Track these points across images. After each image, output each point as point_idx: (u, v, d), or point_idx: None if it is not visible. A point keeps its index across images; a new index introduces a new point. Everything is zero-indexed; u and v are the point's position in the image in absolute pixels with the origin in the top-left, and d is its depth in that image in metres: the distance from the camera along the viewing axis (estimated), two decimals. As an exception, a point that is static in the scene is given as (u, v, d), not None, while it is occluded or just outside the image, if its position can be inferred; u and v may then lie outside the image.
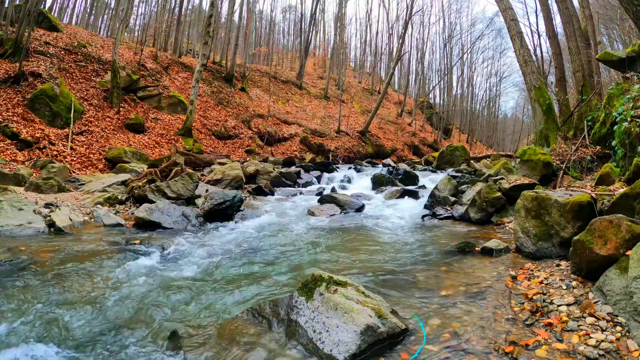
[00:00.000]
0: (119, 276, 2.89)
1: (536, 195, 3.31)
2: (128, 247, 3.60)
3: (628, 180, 4.04)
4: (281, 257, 3.56)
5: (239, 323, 2.14)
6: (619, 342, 1.80)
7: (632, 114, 4.55)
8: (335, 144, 19.43)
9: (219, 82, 19.36)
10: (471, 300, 2.40)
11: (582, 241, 2.42)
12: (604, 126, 6.02)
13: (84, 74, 12.85)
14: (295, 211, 5.97)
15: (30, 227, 4.08)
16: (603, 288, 2.16)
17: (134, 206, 5.60)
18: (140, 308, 2.38)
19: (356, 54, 44.48)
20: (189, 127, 12.98)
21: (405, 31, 23.11)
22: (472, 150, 28.09)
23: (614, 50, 7.39)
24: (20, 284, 2.62)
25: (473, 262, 3.21)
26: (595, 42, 9.61)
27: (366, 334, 1.83)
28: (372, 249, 3.81)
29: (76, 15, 27.04)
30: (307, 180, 9.45)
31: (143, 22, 25.78)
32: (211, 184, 7.21)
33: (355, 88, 31.73)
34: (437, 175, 10.39)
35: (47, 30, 14.38)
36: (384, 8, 36.19)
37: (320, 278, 2.20)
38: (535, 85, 8.98)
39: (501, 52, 44.64)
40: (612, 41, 21.00)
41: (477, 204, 5.00)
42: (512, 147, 36.10)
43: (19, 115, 9.20)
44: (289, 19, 45.21)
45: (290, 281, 2.87)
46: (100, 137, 10.37)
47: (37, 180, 6.12)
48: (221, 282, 2.87)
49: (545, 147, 7.74)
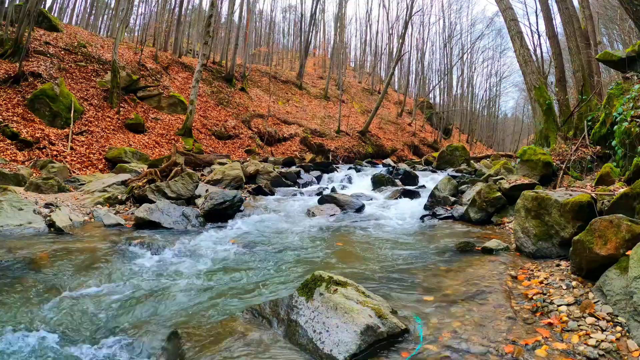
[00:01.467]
0: (118, 276, 2.89)
1: (536, 195, 3.31)
2: (128, 247, 3.60)
3: (628, 180, 4.04)
4: (281, 257, 3.56)
5: (239, 323, 2.14)
6: (619, 342, 1.80)
7: (632, 114, 4.55)
8: (335, 144, 19.42)
9: (219, 82, 19.35)
10: (471, 300, 2.40)
11: (582, 241, 2.42)
12: (604, 126, 6.02)
13: (84, 74, 12.85)
14: (295, 211, 5.97)
15: (30, 227, 4.08)
16: (603, 288, 2.16)
17: (134, 206, 5.59)
18: (139, 307, 2.38)
19: (356, 54, 44.54)
20: (189, 127, 12.98)
21: (405, 31, 23.08)
22: (472, 150, 28.10)
23: (614, 50, 7.39)
24: (19, 284, 2.62)
25: (473, 262, 3.21)
26: (595, 42, 9.60)
27: (366, 334, 1.83)
28: (372, 249, 3.81)
29: (76, 15, 27.08)
30: (307, 180, 9.44)
31: (143, 22, 25.81)
32: (211, 184, 7.21)
33: (355, 88, 31.71)
34: (437, 175, 10.39)
35: (47, 30, 14.38)
36: (384, 8, 36.15)
37: (320, 278, 2.20)
38: (535, 85, 8.98)
39: (501, 52, 44.66)
40: (612, 41, 21.01)
41: (477, 204, 5.00)
42: (512, 147, 36.15)
43: (19, 115, 9.20)
44: (289, 19, 45.23)
45: (290, 281, 2.87)
46: (100, 137, 10.37)
47: (37, 180, 6.12)
48: (221, 282, 2.87)
49: (545, 147, 7.73)
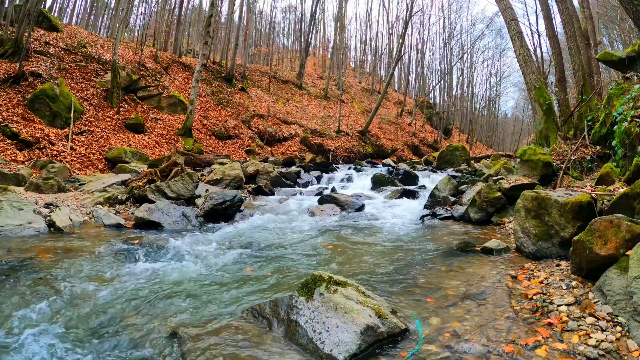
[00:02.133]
0: (118, 276, 2.89)
1: (536, 195, 3.31)
2: (128, 247, 3.60)
3: (628, 180, 4.04)
4: (281, 257, 3.56)
5: (239, 323, 2.14)
6: (619, 342, 1.80)
7: (632, 114, 4.54)
8: (335, 144, 19.41)
9: (219, 82, 19.35)
10: (471, 300, 2.40)
11: (582, 241, 2.42)
12: (604, 126, 6.02)
13: (84, 74, 12.85)
14: (295, 211, 5.97)
15: (30, 227, 4.08)
16: (603, 288, 2.16)
17: (134, 206, 5.59)
18: (139, 308, 2.38)
19: (356, 54, 44.50)
20: (189, 127, 12.98)
21: (405, 31, 23.08)
22: (472, 150, 28.10)
23: (614, 50, 7.38)
24: (19, 284, 2.62)
25: (473, 262, 3.21)
26: (595, 42, 9.60)
27: (366, 334, 1.83)
28: (372, 249, 3.81)
29: (76, 15, 27.06)
30: (307, 180, 9.44)
31: (143, 22, 25.79)
32: (211, 184, 7.21)
33: (355, 88, 31.71)
34: (437, 175, 10.38)
35: (47, 30, 14.37)
36: (384, 8, 36.13)
37: (320, 278, 2.20)
38: (535, 85, 8.98)
39: (501, 52, 44.61)
40: (612, 41, 21.00)
41: (477, 204, 5.00)
42: (512, 147, 36.14)
43: (19, 115, 9.20)
44: (289, 19, 45.19)
45: (290, 281, 2.87)
46: (100, 137, 10.37)
47: (37, 180, 6.12)
48: (221, 282, 2.87)
49: (545, 147, 7.73)
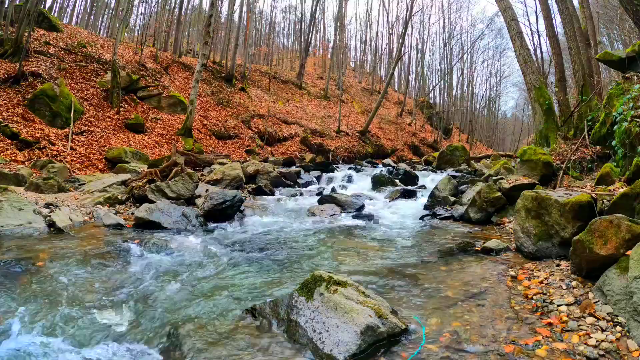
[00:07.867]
0: (118, 276, 2.89)
1: (536, 195, 3.31)
2: (128, 247, 3.60)
3: (628, 180, 4.04)
4: (281, 257, 3.56)
5: (239, 323, 2.14)
6: (619, 342, 1.80)
7: (632, 114, 4.54)
8: (335, 144, 19.41)
9: (219, 82, 19.34)
10: (471, 300, 2.40)
11: (582, 241, 2.42)
12: (604, 126, 6.02)
13: (84, 74, 12.84)
14: (295, 211, 5.97)
15: (30, 227, 4.08)
16: (603, 288, 2.16)
17: (134, 206, 5.59)
18: (139, 308, 2.38)
19: (356, 54, 44.48)
20: (189, 127, 12.98)
21: (405, 31, 23.08)
22: (472, 150, 28.07)
23: (614, 50, 7.38)
24: (19, 284, 2.62)
25: (473, 261, 3.21)
26: (595, 42, 9.59)
27: (366, 334, 1.83)
28: (372, 249, 3.81)
29: (76, 15, 26.98)
30: (307, 180, 9.44)
31: (143, 22, 25.81)
32: (211, 184, 7.21)
33: (355, 88, 31.70)
34: (437, 175, 10.38)
35: (47, 30, 14.36)
36: (384, 8, 36.19)
37: (320, 278, 2.20)
38: (535, 85, 8.98)
39: (501, 52, 44.69)
40: (612, 41, 20.98)
41: (477, 204, 5.00)
42: (512, 147, 36.09)
43: (19, 115, 9.19)
44: (289, 19, 45.15)
45: (290, 281, 2.87)
46: (100, 137, 10.36)
47: (37, 180, 6.11)
48: (221, 282, 2.87)
49: (545, 147, 7.73)
